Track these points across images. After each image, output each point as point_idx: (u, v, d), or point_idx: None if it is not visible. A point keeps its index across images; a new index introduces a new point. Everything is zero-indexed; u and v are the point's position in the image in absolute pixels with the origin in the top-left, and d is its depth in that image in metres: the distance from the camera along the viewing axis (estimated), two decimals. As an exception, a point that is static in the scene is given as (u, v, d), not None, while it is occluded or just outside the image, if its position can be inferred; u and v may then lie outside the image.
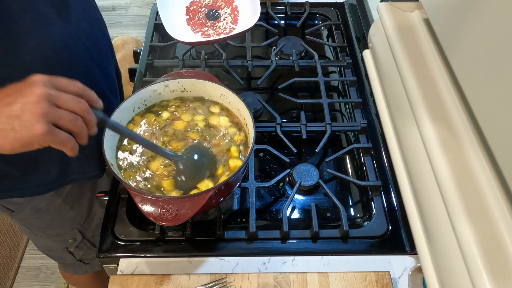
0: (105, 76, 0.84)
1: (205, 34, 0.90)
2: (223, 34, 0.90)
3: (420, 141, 0.65)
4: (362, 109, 0.92)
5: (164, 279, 0.68)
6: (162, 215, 0.59)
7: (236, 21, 0.92)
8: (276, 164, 0.86)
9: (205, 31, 0.91)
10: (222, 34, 0.90)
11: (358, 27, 1.12)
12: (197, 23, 0.92)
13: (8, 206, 0.84)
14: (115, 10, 2.73)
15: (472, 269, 0.48)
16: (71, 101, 0.50)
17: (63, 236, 0.95)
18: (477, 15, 0.54)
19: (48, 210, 0.86)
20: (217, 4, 0.95)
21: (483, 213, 0.51)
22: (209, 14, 0.93)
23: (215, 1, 0.96)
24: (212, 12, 0.93)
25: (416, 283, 0.68)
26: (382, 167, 0.83)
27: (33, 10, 0.62)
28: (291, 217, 0.78)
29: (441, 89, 0.66)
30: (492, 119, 0.52)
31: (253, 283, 0.67)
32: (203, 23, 0.93)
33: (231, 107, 0.77)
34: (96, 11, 0.82)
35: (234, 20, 0.92)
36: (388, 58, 0.81)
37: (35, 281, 1.60)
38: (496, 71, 0.50)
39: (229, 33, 0.89)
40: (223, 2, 0.95)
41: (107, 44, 0.87)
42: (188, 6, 0.97)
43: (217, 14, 0.93)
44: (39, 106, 0.47)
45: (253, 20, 0.86)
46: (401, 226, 0.75)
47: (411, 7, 0.81)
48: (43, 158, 0.75)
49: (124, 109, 0.72)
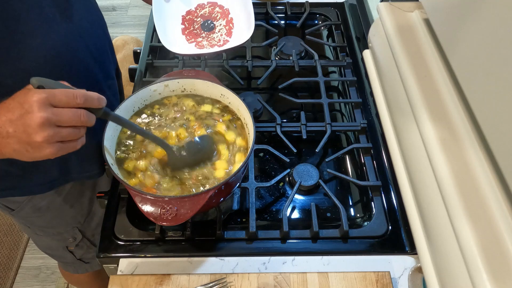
0: (106, 76, 0.84)
1: (199, 45, 0.88)
2: (217, 46, 0.88)
3: (420, 141, 0.65)
4: (362, 109, 0.92)
5: (164, 279, 0.68)
6: (162, 215, 0.59)
7: (231, 33, 0.90)
8: (276, 164, 0.86)
9: (199, 41, 0.89)
10: (216, 46, 0.88)
11: (358, 27, 1.12)
12: (192, 33, 0.91)
13: (9, 204, 0.84)
14: (115, 10, 2.73)
15: (472, 269, 0.48)
16: (72, 120, 0.53)
17: (63, 235, 0.95)
18: (477, 15, 0.54)
19: (49, 209, 0.86)
20: (213, 15, 0.93)
21: (483, 213, 0.51)
22: (204, 24, 0.92)
23: (211, 12, 0.94)
24: (208, 23, 0.92)
25: (416, 283, 0.68)
26: (382, 167, 0.83)
27: (36, 9, 0.62)
28: (291, 217, 0.78)
29: (441, 89, 0.66)
30: (492, 119, 0.52)
31: (253, 283, 0.67)
32: (198, 33, 0.91)
33: (231, 107, 0.77)
34: (98, 11, 0.83)
35: (228, 32, 0.90)
36: (388, 58, 0.81)
37: (35, 281, 1.60)
38: (496, 71, 0.50)
39: (223, 46, 0.87)
40: (219, 13, 0.94)
41: (108, 44, 0.87)
42: (184, 16, 0.95)
43: (212, 25, 0.91)
44: (42, 134, 0.51)
45: (247, 35, 0.85)
46: (401, 226, 0.75)
47: (411, 7, 0.81)
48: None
49: (124, 109, 0.72)
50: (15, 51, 0.61)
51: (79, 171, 0.83)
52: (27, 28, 0.61)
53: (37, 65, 0.64)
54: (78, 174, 0.83)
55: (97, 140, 0.81)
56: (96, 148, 0.81)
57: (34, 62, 0.63)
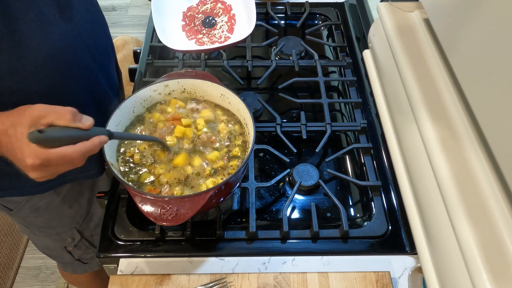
0: (106, 76, 0.84)
1: (200, 41, 0.88)
2: (218, 43, 0.88)
3: (420, 141, 0.65)
4: (362, 109, 0.92)
5: (164, 279, 0.68)
6: (162, 215, 0.59)
7: (232, 30, 0.90)
8: (276, 164, 0.86)
9: (199, 38, 0.88)
10: (217, 42, 0.88)
11: (358, 27, 1.12)
12: (193, 30, 0.90)
13: (7, 204, 0.84)
14: (115, 10, 2.73)
15: (472, 269, 0.48)
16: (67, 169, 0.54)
17: (61, 235, 0.95)
18: (477, 15, 0.54)
19: (47, 209, 0.86)
20: (215, 11, 0.93)
21: (483, 213, 0.51)
22: (205, 21, 0.91)
23: (213, 8, 0.94)
24: (209, 19, 0.91)
25: (416, 283, 0.68)
26: (382, 167, 0.83)
27: (35, 10, 0.62)
28: (291, 217, 0.78)
29: (441, 89, 0.66)
30: (492, 119, 0.51)
31: (253, 283, 0.67)
32: (199, 30, 0.91)
33: (231, 107, 0.77)
34: (98, 11, 0.82)
35: (230, 29, 0.90)
36: (388, 58, 0.81)
37: (35, 281, 1.60)
38: (496, 71, 0.50)
39: (224, 42, 0.87)
40: (221, 9, 0.93)
41: (108, 44, 0.87)
42: (185, 12, 0.94)
43: (213, 21, 0.91)
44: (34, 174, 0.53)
45: (248, 30, 0.84)
46: (401, 226, 0.75)
47: (411, 7, 0.81)
48: None
49: (124, 109, 0.72)
50: (14, 52, 0.61)
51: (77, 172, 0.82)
52: (27, 28, 0.61)
53: (36, 66, 0.64)
54: (76, 174, 0.83)
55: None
56: None
57: (33, 62, 0.63)
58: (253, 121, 0.69)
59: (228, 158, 0.71)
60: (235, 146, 0.72)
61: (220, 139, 0.73)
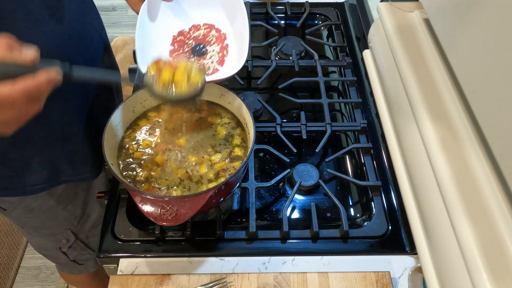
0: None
1: None
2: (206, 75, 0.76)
3: (420, 141, 0.65)
4: (362, 109, 0.92)
5: (164, 279, 0.68)
6: (162, 215, 0.59)
7: (223, 61, 0.80)
8: (276, 164, 0.86)
9: None
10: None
11: (358, 27, 1.12)
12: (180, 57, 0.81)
13: (1, 204, 0.83)
14: (115, 10, 2.73)
15: (472, 269, 0.48)
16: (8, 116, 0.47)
17: (57, 236, 0.94)
18: (477, 15, 0.54)
19: (41, 210, 0.86)
20: (208, 38, 0.84)
21: (483, 213, 0.51)
22: (195, 48, 0.82)
23: (206, 34, 0.85)
24: (199, 47, 0.82)
25: (416, 283, 0.68)
26: (382, 167, 0.83)
27: (23, 10, 0.61)
28: (291, 217, 0.78)
29: (441, 89, 0.66)
30: (492, 119, 0.51)
31: (253, 283, 0.67)
32: (187, 57, 0.82)
33: (231, 107, 0.77)
34: (94, 12, 0.81)
35: (221, 60, 0.80)
36: (388, 58, 0.81)
37: (35, 281, 1.60)
38: (496, 71, 0.50)
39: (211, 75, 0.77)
40: (214, 37, 0.84)
41: (102, 45, 0.86)
42: (175, 36, 0.85)
43: (204, 50, 0.82)
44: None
45: (237, 66, 0.75)
46: (401, 226, 0.75)
47: (411, 7, 0.81)
48: (34, 160, 0.75)
49: (124, 108, 0.72)
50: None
51: (71, 174, 0.82)
52: (14, 29, 0.59)
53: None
54: (70, 177, 0.82)
55: (88, 144, 0.81)
56: (89, 152, 0.81)
57: None
58: (253, 121, 0.69)
59: (231, 159, 0.71)
60: (235, 146, 0.72)
61: (220, 138, 0.73)
